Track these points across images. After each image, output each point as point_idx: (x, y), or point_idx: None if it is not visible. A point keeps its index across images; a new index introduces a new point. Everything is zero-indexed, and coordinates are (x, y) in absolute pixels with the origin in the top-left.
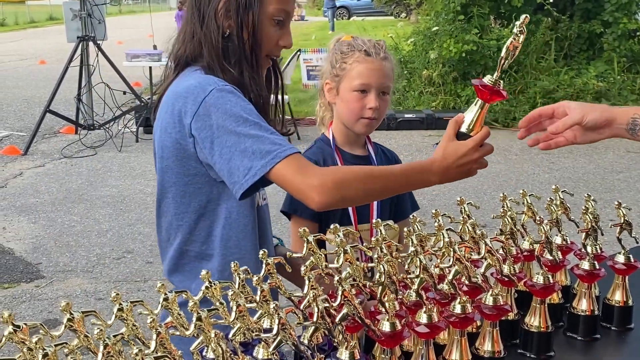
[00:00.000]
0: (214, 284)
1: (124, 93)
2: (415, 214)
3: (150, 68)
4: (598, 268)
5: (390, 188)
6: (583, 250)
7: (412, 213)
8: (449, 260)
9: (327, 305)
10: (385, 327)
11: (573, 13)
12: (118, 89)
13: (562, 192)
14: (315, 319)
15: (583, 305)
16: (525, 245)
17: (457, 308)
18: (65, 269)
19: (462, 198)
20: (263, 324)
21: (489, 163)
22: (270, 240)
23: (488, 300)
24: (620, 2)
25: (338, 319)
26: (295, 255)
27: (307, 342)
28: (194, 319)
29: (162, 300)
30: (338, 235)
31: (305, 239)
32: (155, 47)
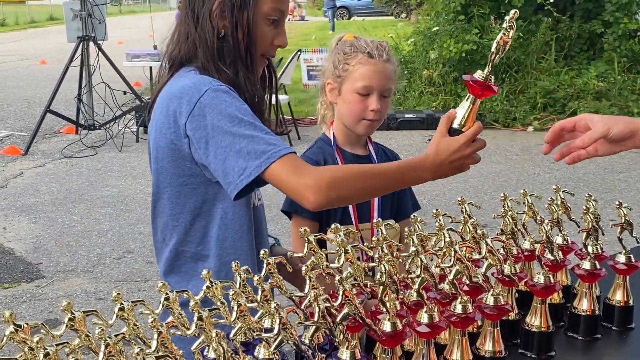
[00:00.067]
0: (215, 284)
1: (125, 93)
2: (416, 214)
3: (151, 68)
4: (599, 268)
5: (385, 186)
6: (584, 250)
7: (413, 213)
8: (450, 260)
9: (328, 305)
10: (386, 326)
11: (573, 13)
12: (118, 89)
13: (562, 192)
14: (316, 319)
15: (584, 305)
16: (526, 245)
17: (458, 308)
18: (66, 269)
19: (463, 198)
20: (264, 324)
21: (490, 163)
22: (266, 241)
23: (489, 300)
24: (621, 2)
25: (339, 319)
26: (296, 255)
27: (308, 341)
28: (195, 319)
29: (163, 300)
30: (339, 235)
31: (306, 239)
32: (156, 47)
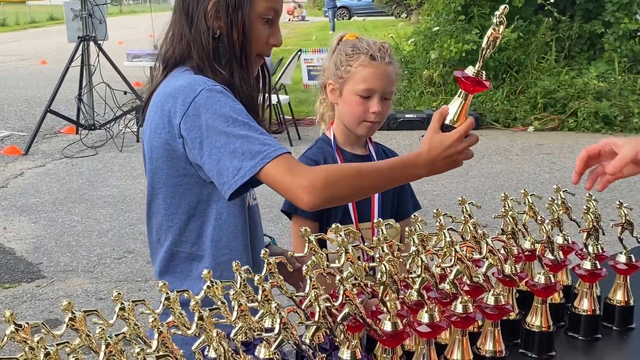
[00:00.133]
0: (216, 283)
1: (125, 93)
2: (417, 214)
3: (151, 68)
4: (599, 268)
5: (380, 184)
6: (584, 250)
7: (413, 213)
8: (451, 260)
9: (328, 305)
10: (387, 326)
11: (574, 13)
12: (119, 89)
13: (563, 191)
14: (317, 319)
15: (584, 305)
16: (527, 245)
17: (458, 308)
18: (66, 269)
19: (463, 198)
20: (265, 324)
21: (490, 163)
22: (262, 241)
23: (489, 300)
24: (621, 2)
25: (340, 319)
26: (297, 255)
27: (308, 341)
28: (196, 318)
29: (163, 300)
30: (340, 235)
31: (307, 239)
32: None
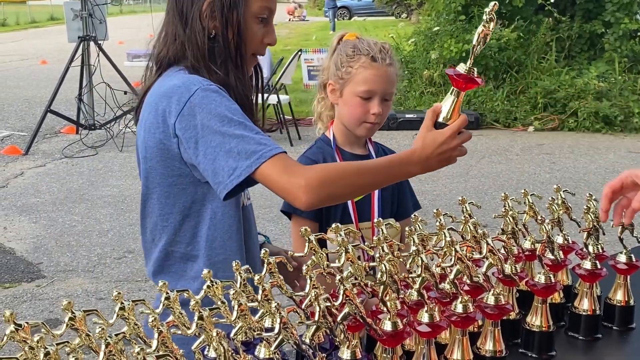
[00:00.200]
0: (216, 283)
1: (125, 93)
2: (417, 214)
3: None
4: (599, 268)
5: (375, 182)
6: (584, 250)
7: (413, 212)
8: (451, 260)
9: (328, 305)
10: (387, 326)
11: (574, 13)
12: (119, 89)
13: (563, 191)
14: (317, 318)
15: (584, 305)
16: (527, 245)
17: (458, 307)
18: (66, 269)
19: (463, 198)
20: (265, 323)
21: (490, 163)
22: (256, 240)
23: (489, 300)
24: (622, 2)
25: (340, 318)
26: (297, 255)
27: (308, 341)
28: (196, 318)
29: (163, 299)
30: (340, 235)
31: (307, 239)
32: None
